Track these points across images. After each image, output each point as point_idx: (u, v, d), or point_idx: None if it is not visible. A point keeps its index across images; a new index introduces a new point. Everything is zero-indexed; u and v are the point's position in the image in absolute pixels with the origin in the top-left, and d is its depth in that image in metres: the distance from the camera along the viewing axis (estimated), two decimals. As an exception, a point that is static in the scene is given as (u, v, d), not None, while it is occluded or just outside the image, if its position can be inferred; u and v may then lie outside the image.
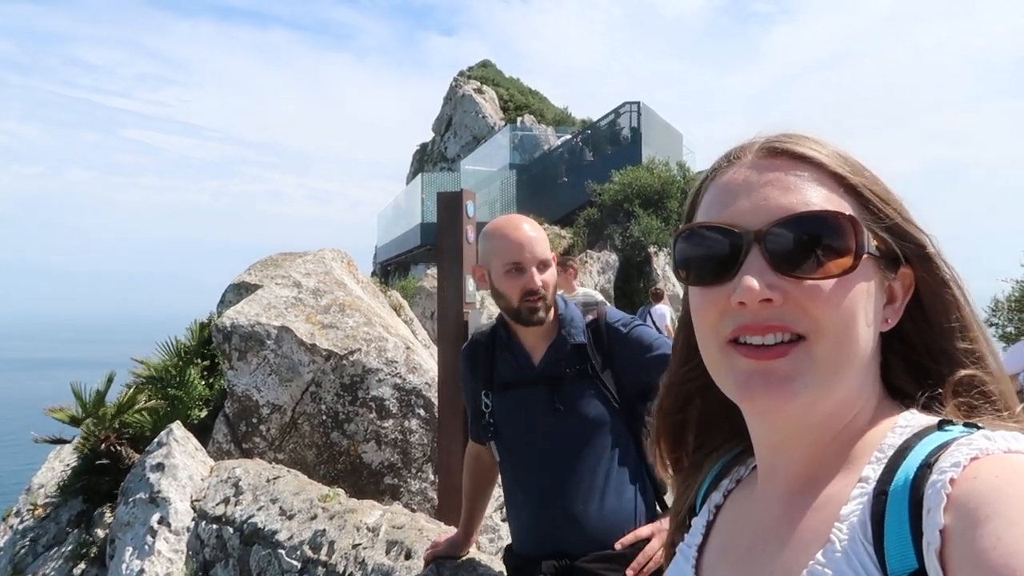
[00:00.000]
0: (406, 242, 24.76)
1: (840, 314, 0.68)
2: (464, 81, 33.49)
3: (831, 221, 0.69)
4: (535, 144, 24.34)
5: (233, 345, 4.49)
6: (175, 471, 3.83)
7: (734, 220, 0.72)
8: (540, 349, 2.15)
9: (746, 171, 0.74)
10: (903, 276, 0.74)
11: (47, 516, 4.78)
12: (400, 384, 4.49)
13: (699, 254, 0.74)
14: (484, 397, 2.21)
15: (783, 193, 0.71)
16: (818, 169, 0.72)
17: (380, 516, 3.05)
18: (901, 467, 0.63)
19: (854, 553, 0.62)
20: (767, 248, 0.69)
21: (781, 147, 0.74)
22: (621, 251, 16.08)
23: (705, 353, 0.76)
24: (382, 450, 4.39)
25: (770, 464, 0.77)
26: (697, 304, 0.75)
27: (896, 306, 0.74)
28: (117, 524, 3.82)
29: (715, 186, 0.76)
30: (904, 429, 0.69)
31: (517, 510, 2.19)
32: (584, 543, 2.02)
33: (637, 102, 19.82)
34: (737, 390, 0.71)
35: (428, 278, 10.20)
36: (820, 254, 0.68)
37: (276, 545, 3.17)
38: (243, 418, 4.46)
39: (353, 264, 5.87)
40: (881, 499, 0.62)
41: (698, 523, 0.87)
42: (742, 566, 0.76)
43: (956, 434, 0.64)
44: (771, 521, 0.75)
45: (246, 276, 5.89)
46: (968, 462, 0.59)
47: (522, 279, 2.06)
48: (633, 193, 16.59)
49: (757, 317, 0.69)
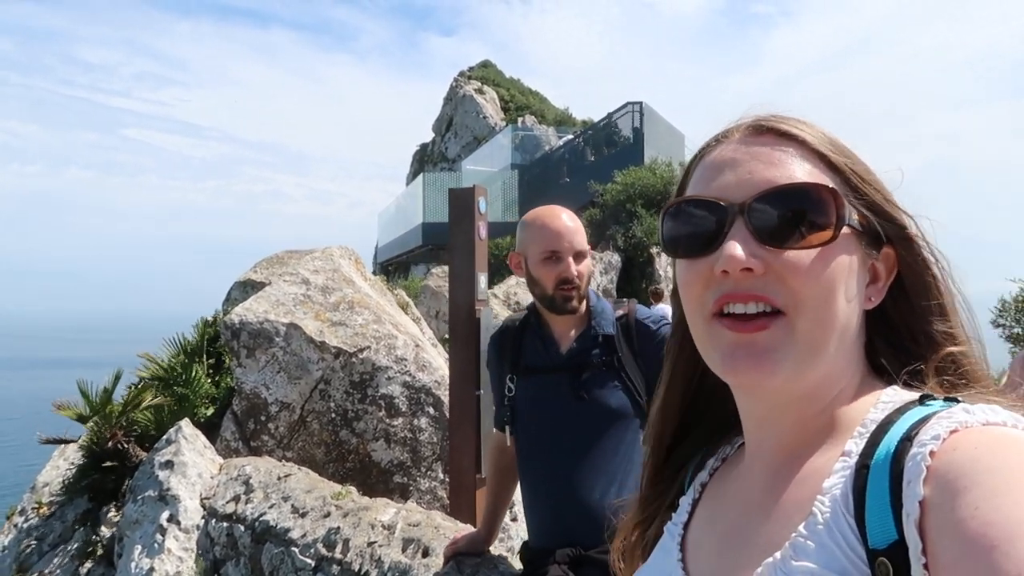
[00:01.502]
0: (407, 242, 24.74)
1: (820, 287, 0.69)
2: (465, 81, 33.49)
3: (813, 193, 0.71)
4: (536, 144, 24.33)
5: (242, 342, 4.45)
6: (184, 469, 3.79)
7: (719, 194, 0.74)
8: (569, 338, 2.18)
9: (733, 148, 0.76)
10: (886, 256, 0.76)
11: (52, 514, 4.75)
12: (410, 382, 4.46)
13: (686, 228, 0.76)
14: (509, 381, 2.23)
15: (767, 167, 0.73)
16: (802, 146, 0.74)
17: (395, 514, 3.02)
18: (883, 441, 0.64)
19: (836, 526, 0.63)
20: (751, 220, 0.71)
21: (768, 125, 0.76)
22: (623, 251, 16.06)
23: (694, 330, 0.77)
24: (391, 448, 4.35)
25: (756, 438, 0.79)
26: (683, 278, 0.77)
27: (879, 286, 0.76)
28: (125, 522, 3.79)
29: (703, 164, 0.79)
30: (887, 404, 0.70)
31: (533, 499, 2.20)
32: (599, 533, 2.02)
33: (639, 102, 19.78)
34: (722, 363, 0.73)
35: (433, 277, 10.17)
36: (802, 226, 0.70)
37: (289, 543, 3.13)
38: (251, 416, 4.43)
39: (360, 262, 5.85)
40: (863, 472, 0.63)
41: (684, 501, 0.88)
42: (726, 539, 0.77)
43: (936, 408, 0.65)
44: (755, 495, 0.76)
45: (252, 274, 5.86)
46: (948, 434, 0.60)
47: (558, 267, 2.11)
48: (635, 193, 16.56)
49: (739, 286, 0.71)
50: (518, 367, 2.23)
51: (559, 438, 2.11)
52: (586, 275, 2.14)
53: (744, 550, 0.72)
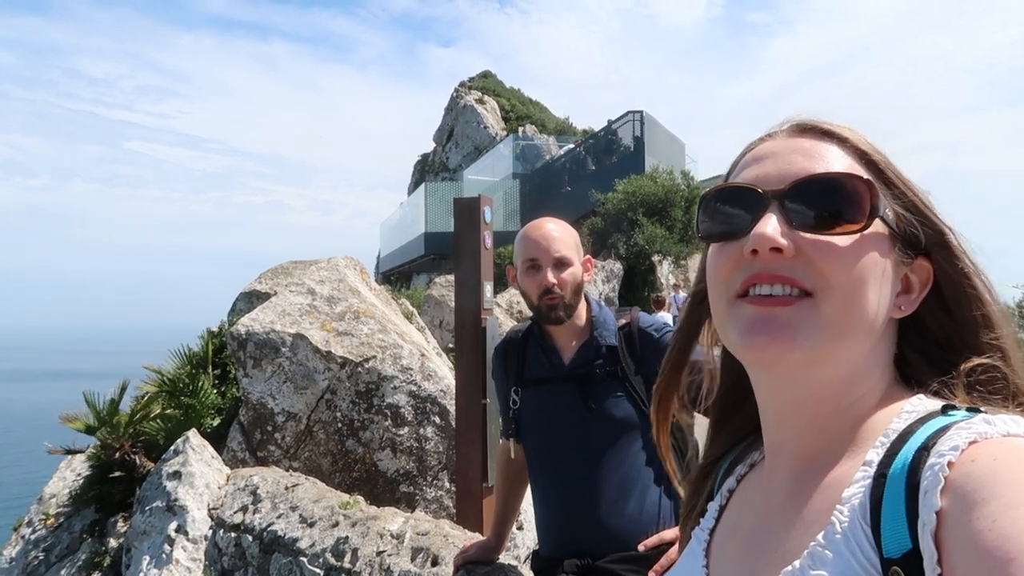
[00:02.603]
0: (409, 252, 24.77)
1: (849, 275, 0.69)
2: (465, 92, 33.61)
3: (848, 184, 0.72)
4: (537, 154, 24.39)
5: (248, 353, 4.47)
6: (192, 479, 3.80)
7: (758, 181, 0.75)
8: (571, 348, 2.17)
9: (776, 143, 0.78)
10: (919, 268, 0.75)
11: (59, 526, 4.75)
12: (415, 391, 4.47)
13: (722, 214, 0.77)
14: (513, 393, 2.23)
15: (807, 159, 0.74)
16: (843, 144, 0.76)
17: (404, 523, 3.02)
18: (901, 451, 0.64)
19: (852, 535, 0.63)
20: (785, 207, 0.72)
21: (811, 124, 0.78)
22: (625, 259, 16.08)
23: (716, 312, 0.78)
24: (397, 458, 4.36)
25: (777, 440, 0.79)
26: (713, 261, 0.78)
27: (912, 297, 0.75)
28: (133, 533, 3.80)
29: (747, 158, 0.80)
30: (910, 414, 0.69)
31: (542, 509, 2.20)
32: (607, 543, 2.03)
33: (640, 111, 19.84)
34: (740, 338, 0.73)
35: (436, 286, 10.19)
36: (836, 215, 0.71)
37: (298, 553, 3.14)
38: (258, 426, 4.44)
39: (365, 272, 5.87)
40: (880, 482, 0.63)
41: (712, 507, 0.89)
42: (749, 545, 0.77)
43: (958, 418, 0.64)
44: (777, 502, 0.76)
45: (257, 284, 5.88)
46: (967, 445, 0.59)
47: (538, 277, 2.10)
48: (637, 202, 16.59)
49: (767, 266, 0.71)
50: (522, 378, 2.22)
51: (566, 449, 2.11)
52: (571, 283, 2.11)
53: (764, 557, 0.72)
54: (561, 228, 2.16)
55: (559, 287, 2.08)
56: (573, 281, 2.11)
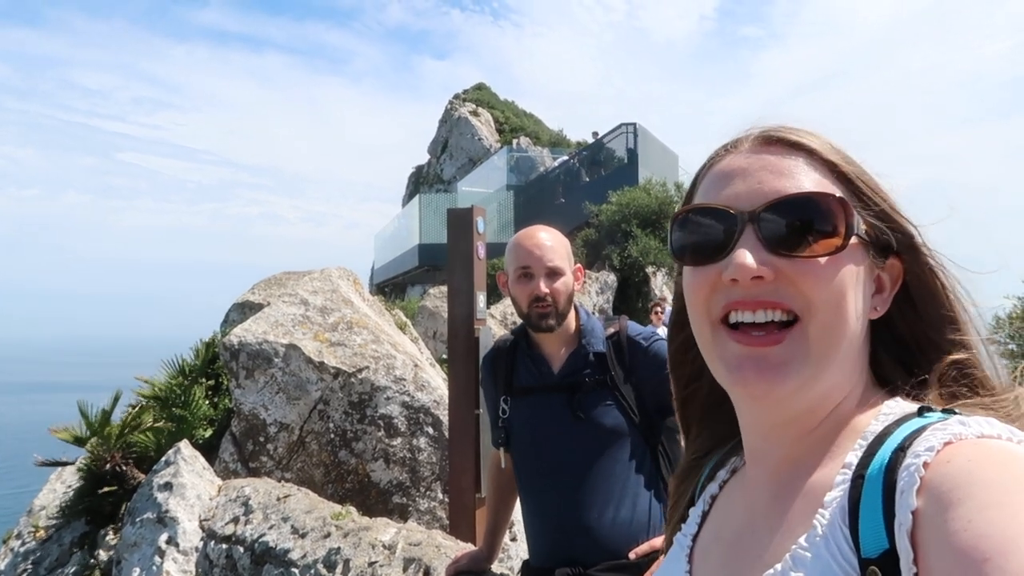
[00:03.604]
0: (404, 263, 24.75)
1: (831, 292, 0.70)
2: (460, 104, 33.71)
3: (822, 203, 0.71)
4: (531, 165, 24.45)
5: (240, 363, 4.46)
6: (183, 490, 3.78)
7: (729, 202, 0.74)
8: (560, 357, 2.17)
9: (742, 158, 0.77)
10: (891, 267, 0.76)
11: (49, 538, 4.72)
12: (408, 402, 4.46)
13: (695, 235, 0.76)
14: (503, 403, 2.23)
15: (777, 177, 0.73)
16: (811, 156, 0.75)
17: (396, 533, 3.01)
18: (878, 452, 0.65)
19: (832, 537, 0.63)
20: (760, 228, 0.71)
21: (776, 135, 0.77)
22: (619, 271, 16.09)
23: (698, 335, 0.78)
24: (391, 469, 4.35)
25: (760, 449, 0.79)
26: (690, 283, 0.77)
27: (884, 296, 0.76)
28: (124, 544, 3.77)
29: (712, 173, 0.79)
30: (887, 416, 0.70)
31: (532, 518, 2.19)
32: (597, 552, 2.02)
33: (633, 123, 19.91)
34: (728, 375, 0.73)
35: (430, 297, 10.19)
36: (811, 234, 0.70)
37: (289, 564, 3.12)
38: (250, 437, 4.42)
39: (359, 282, 5.87)
40: (859, 483, 0.64)
41: (694, 513, 0.89)
42: (732, 550, 0.77)
43: (933, 419, 0.65)
44: (759, 507, 0.76)
45: (250, 295, 5.87)
46: (942, 446, 0.60)
47: (530, 285, 2.10)
48: (631, 214, 16.62)
49: (748, 293, 0.71)
50: (511, 388, 2.22)
51: (556, 458, 2.11)
52: (563, 292, 2.12)
53: (747, 562, 0.72)
54: (553, 237, 2.17)
55: (552, 296, 2.09)
56: (565, 291, 2.12)
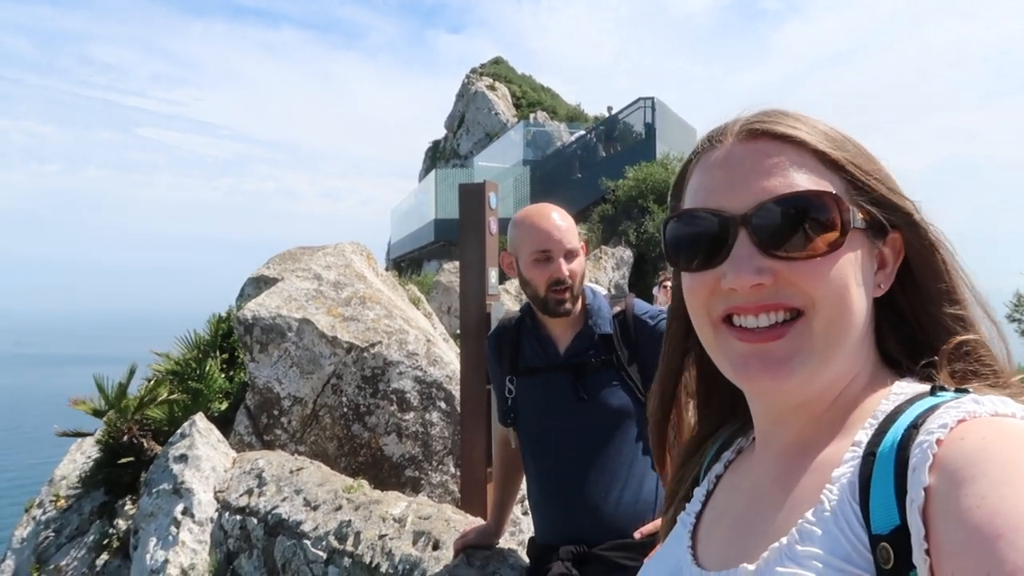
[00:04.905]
0: (419, 238, 24.78)
1: (832, 287, 0.69)
2: (476, 78, 33.47)
3: (814, 200, 0.70)
4: (548, 140, 24.28)
5: (255, 337, 4.49)
6: (198, 462, 3.83)
7: (720, 204, 0.73)
8: (566, 337, 2.16)
9: (728, 154, 0.75)
10: (893, 241, 0.75)
11: (69, 507, 4.81)
12: (421, 377, 4.48)
13: (688, 239, 0.75)
14: (508, 383, 2.22)
15: (766, 175, 0.72)
16: (799, 148, 0.73)
17: (406, 507, 3.04)
18: (890, 430, 0.64)
19: (842, 512, 0.63)
20: (754, 231, 0.70)
21: (761, 128, 0.74)
22: (636, 247, 16.03)
23: (700, 333, 0.78)
24: (403, 443, 4.38)
25: (768, 431, 0.79)
26: (688, 287, 0.77)
27: (887, 271, 0.75)
28: (141, 515, 3.83)
29: (699, 169, 0.78)
30: (898, 396, 0.70)
31: (538, 497, 2.20)
32: (603, 531, 2.03)
33: (651, 98, 19.70)
34: (735, 372, 0.73)
35: (444, 272, 10.19)
36: (807, 232, 0.69)
37: (301, 536, 3.16)
38: (264, 410, 4.47)
39: (372, 257, 5.87)
40: (869, 460, 0.64)
41: (699, 492, 0.89)
42: (736, 528, 0.77)
43: (946, 398, 0.65)
44: (766, 484, 0.76)
45: (265, 270, 5.89)
46: (955, 424, 0.60)
47: (549, 268, 2.07)
48: (647, 189, 16.51)
49: (749, 299, 0.71)
50: (517, 368, 2.22)
51: (562, 438, 2.11)
52: (579, 274, 2.11)
53: (753, 538, 0.72)
54: (566, 218, 2.16)
55: (571, 278, 2.08)
56: (581, 271, 2.12)
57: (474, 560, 2.41)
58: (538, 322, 2.21)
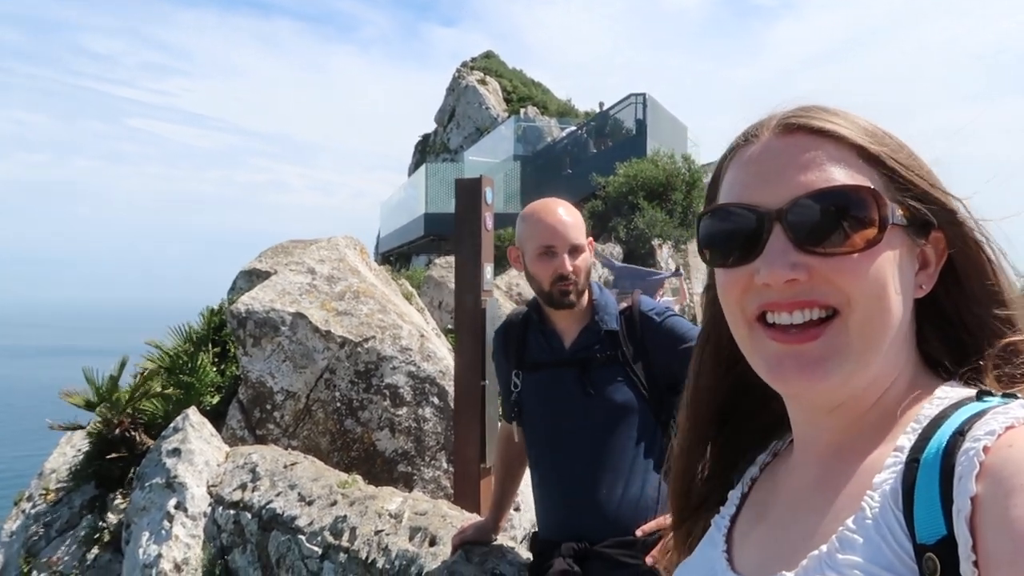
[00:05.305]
0: (409, 232, 24.72)
1: (869, 285, 0.67)
2: (467, 72, 33.35)
3: (852, 195, 0.68)
4: (539, 135, 24.25)
5: (248, 331, 4.47)
6: (191, 456, 3.82)
7: (755, 199, 0.71)
8: (572, 333, 2.17)
9: (765, 149, 0.73)
10: (935, 240, 0.73)
11: (59, 501, 4.78)
12: (414, 372, 4.48)
13: (722, 235, 0.74)
14: (515, 377, 2.23)
15: (803, 170, 0.70)
16: (838, 142, 0.71)
17: (402, 502, 3.04)
18: (935, 436, 0.62)
19: (884, 520, 0.61)
20: (789, 226, 0.69)
21: (798, 122, 0.73)
22: (625, 243, 16.06)
23: (735, 332, 0.76)
24: (396, 438, 4.38)
25: (807, 434, 0.77)
26: (722, 283, 0.75)
27: (930, 271, 0.73)
28: (133, 509, 3.82)
29: (735, 165, 0.76)
30: (942, 400, 0.68)
31: (541, 492, 2.21)
32: (605, 528, 2.04)
33: (643, 94, 19.73)
34: (769, 373, 0.71)
35: (436, 267, 10.18)
36: (843, 228, 0.67)
37: (296, 531, 3.16)
38: (257, 404, 4.45)
39: (365, 251, 5.86)
40: (913, 467, 0.62)
41: (733, 495, 0.87)
42: (773, 532, 0.76)
43: (993, 404, 0.63)
44: (804, 489, 0.75)
45: (257, 263, 5.86)
46: (1003, 430, 0.58)
47: (554, 263, 2.09)
48: (638, 185, 16.54)
49: (783, 295, 0.69)
50: (523, 362, 2.23)
51: (566, 434, 2.12)
52: (584, 269, 2.12)
53: (790, 543, 0.70)
54: (573, 213, 2.17)
55: (575, 274, 2.09)
56: (585, 267, 2.13)
57: (472, 556, 2.41)
58: (544, 317, 2.22)
